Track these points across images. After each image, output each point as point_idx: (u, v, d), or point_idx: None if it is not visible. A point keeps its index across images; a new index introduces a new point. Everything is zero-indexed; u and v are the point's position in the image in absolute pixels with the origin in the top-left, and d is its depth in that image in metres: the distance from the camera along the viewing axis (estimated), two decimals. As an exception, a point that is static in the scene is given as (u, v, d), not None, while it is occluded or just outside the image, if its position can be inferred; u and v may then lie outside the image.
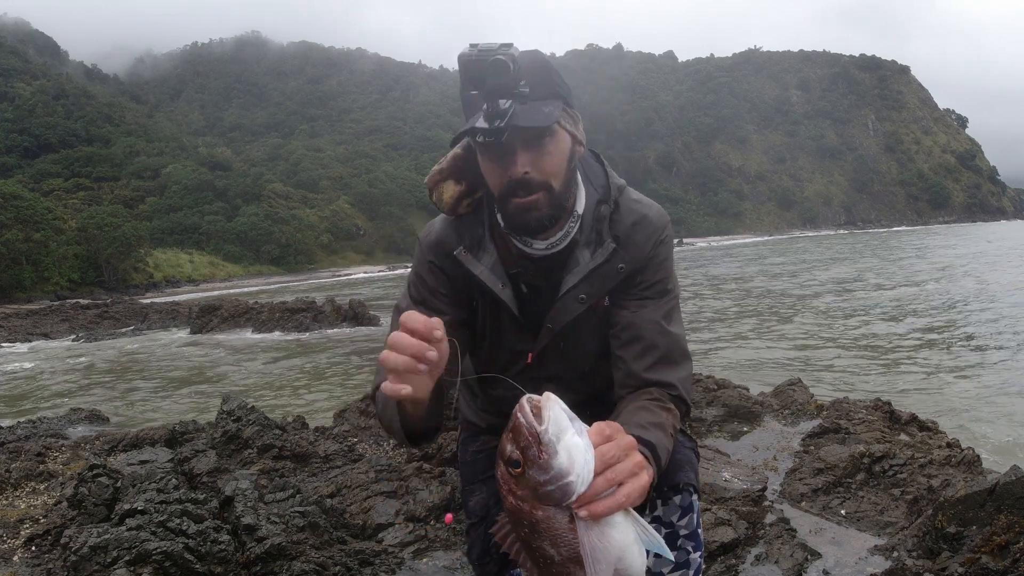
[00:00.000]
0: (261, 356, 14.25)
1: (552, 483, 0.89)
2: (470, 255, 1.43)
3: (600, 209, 1.43)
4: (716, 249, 70.13)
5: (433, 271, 1.47)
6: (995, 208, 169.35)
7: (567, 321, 1.45)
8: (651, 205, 1.49)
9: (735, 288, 24.90)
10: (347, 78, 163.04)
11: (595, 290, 1.42)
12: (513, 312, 1.44)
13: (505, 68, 1.16)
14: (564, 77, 1.37)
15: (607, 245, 1.41)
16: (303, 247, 76.66)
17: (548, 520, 0.92)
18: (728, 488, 2.93)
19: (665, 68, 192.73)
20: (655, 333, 1.41)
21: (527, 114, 1.22)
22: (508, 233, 1.41)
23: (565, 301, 1.43)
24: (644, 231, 1.44)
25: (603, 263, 1.41)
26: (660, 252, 1.45)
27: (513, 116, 1.20)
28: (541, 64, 1.30)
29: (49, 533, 2.63)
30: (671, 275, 1.48)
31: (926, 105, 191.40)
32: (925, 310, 15.69)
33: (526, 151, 1.28)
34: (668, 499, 1.44)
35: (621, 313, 1.44)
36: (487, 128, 1.20)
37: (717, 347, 12.17)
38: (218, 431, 3.74)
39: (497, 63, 1.16)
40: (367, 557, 2.45)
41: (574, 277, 1.41)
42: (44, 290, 45.34)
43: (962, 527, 2.26)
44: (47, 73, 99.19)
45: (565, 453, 0.88)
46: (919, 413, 4.08)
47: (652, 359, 1.40)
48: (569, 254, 1.42)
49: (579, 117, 1.38)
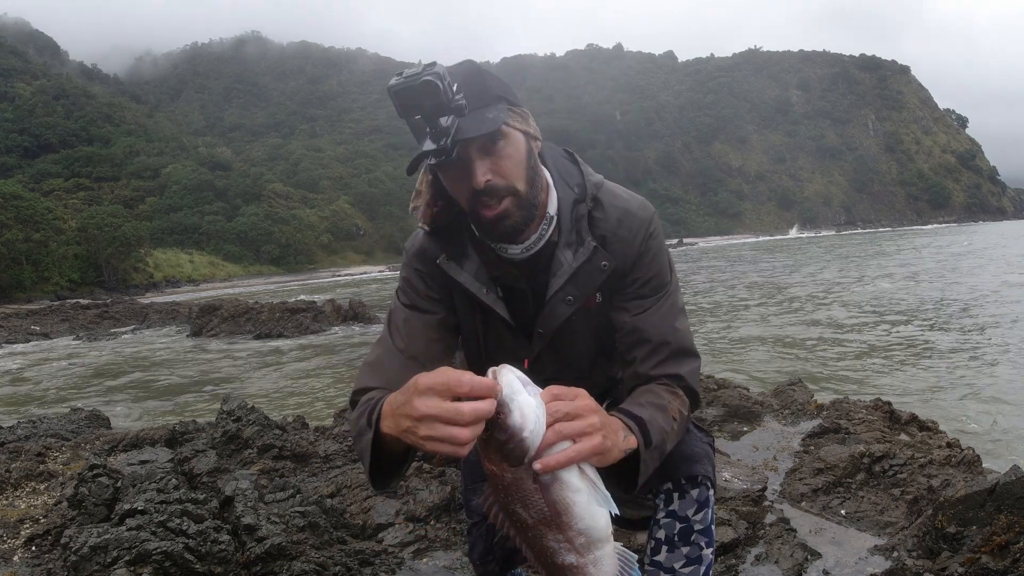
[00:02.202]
0: (261, 356, 14.26)
1: (511, 441, 0.97)
2: (453, 263, 1.43)
3: (578, 208, 1.41)
4: (710, 251, 70.13)
5: (421, 276, 1.47)
6: (995, 208, 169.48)
7: (557, 325, 1.44)
8: (632, 198, 1.47)
9: (733, 289, 24.91)
10: (347, 78, 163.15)
11: (581, 290, 1.41)
12: (504, 317, 1.43)
13: (435, 88, 1.14)
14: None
15: (588, 244, 1.40)
16: (303, 247, 76.74)
17: (517, 483, 1.01)
18: (728, 488, 2.93)
19: (665, 68, 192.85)
20: (661, 333, 1.40)
21: (471, 124, 1.20)
22: (484, 240, 1.41)
23: (553, 304, 1.42)
24: (630, 227, 1.42)
25: (585, 262, 1.40)
26: (651, 246, 1.43)
27: (457, 130, 1.18)
28: (473, 72, 1.28)
29: (49, 533, 2.63)
30: (666, 267, 1.46)
31: (926, 105, 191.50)
32: (925, 309, 15.70)
33: (482, 160, 1.26)
34: (685, 493, 1.43)
35: (623, 317, 1.43)
36: (435, 148, 1.19)
37: (717, 347, 12.19)
38: (218, 431, 3.74)
39: (426, 84, 1.14)
40: (367, 557, 2.46)
41: (559, 279, 1.40)
42: (44, 290, 45.35)
43: (962, 527, 2.26)
44: (47, 73, 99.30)
45: (518, 411, 0.96)
46: (919, 413, 4.08)
47: (660, 357, 1.40)
48: (551, 256, 1.41)
49: (528, 113, 1.36)
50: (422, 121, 1.19)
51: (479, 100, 1.24)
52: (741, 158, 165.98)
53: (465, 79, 1.24)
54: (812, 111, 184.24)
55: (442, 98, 1.15)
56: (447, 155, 1.20)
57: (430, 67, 1.15)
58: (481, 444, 1.00)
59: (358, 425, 1.26)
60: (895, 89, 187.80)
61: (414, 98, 1.16)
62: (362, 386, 1.40)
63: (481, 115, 1.23)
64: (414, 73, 1.15)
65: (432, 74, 1.14)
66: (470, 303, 1.46)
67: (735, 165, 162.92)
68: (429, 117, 1.18)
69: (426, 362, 1.40)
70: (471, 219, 1.38)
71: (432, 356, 1.43)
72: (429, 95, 1.15)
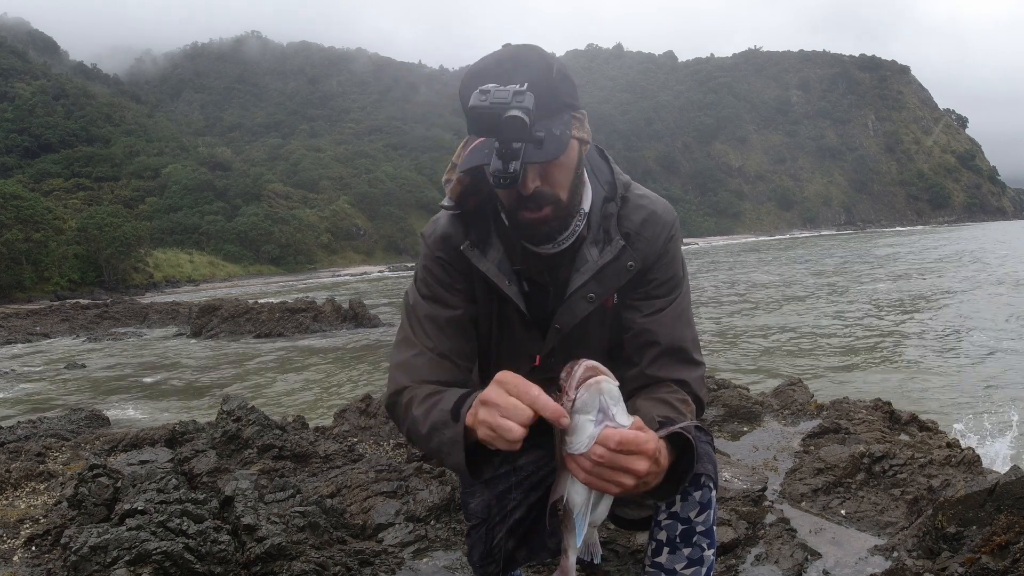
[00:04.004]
0: (261, 356, 14.25)
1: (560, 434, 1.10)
2: (476, 251, 1.40)
3: (607, 206, 1.41)
4: (707, 252, 70.11)
5: (442, 265, 1.44)
6: (995, 208, 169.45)
7: (576, 322, 1.42)
8: (658, 201, 1.47)
9: (732, 287, 24.90)
10: (347, 78, 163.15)
11: (604, 288, 1.41)
12: (521, 310, 1.41)
13: (521, 124, 1.09)
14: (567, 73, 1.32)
15: (616, 242, 1.39)
16: (303, 247, 76.71)
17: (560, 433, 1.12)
18: (728, 488, 2.93)
19: (665, 68, 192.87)
20: (671, 337, 1.41)
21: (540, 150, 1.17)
22: (516, 237, 1.39)
23: (573, 300, 1.41)
24: (654, 228, 1.42)
25: (612, 260, 1.39)
26: (671, 248, 1.44)
27: (526, 154, 1.14)
28: (545, 73, 1.23)
29: (49, 533, 2.63)
30: (680, 271, 1.47)
31: (926, 105, 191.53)
32: (925, 309, 15.70)
33: (534, 167, 1.24)
34: (688, 494, 1.41)
35: (634, 317, 1.43)
36: (501, 171, 1.14)
37: (717, 347, 12.18)
38: (218, 431, 3.74)
39: (514, 120, 1.08)
40: (367, 557, 2.45)
41: (582, 276, 1.39)
42: (44, 290, 45.36)
43: (962, 527, 2.26)
44: (47, 73, 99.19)
45: (574, 424, 1.07)
46: (919, 413, 4.08)
47: (669, 362, 1.40)
48: (576, 252, 1.40)
49: (585, 114, 1.34)
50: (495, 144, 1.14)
51: (547, 109, 1.19)
52: (741, 158, 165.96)
53: (537, 82, 1.18)
54: (812, 111, 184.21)
55: (523, 134, 1.10)
56: (513, 181, 1.16)
57: (519, 97, 1.10)
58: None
59: (429, 421, 1.28)
60: (895, 89, 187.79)
61: (494, 126, 1.11)
62: (399, 386, 1.39)
63: (549, 131, 1.18)
64: (502, 101, 1.09)
65: (521, 108, 1.09)
66: (489, 293, 1.44)
67: (735, 165, 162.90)
68: (505, 142, 1.13)
69: (457, 359, 1.41)
70: (508, 216, 1.36)
71: (462, 353, 1.43)
72: (513, 130, 1.10)
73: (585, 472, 1.06)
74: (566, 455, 1.08)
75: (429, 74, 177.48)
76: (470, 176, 1.37)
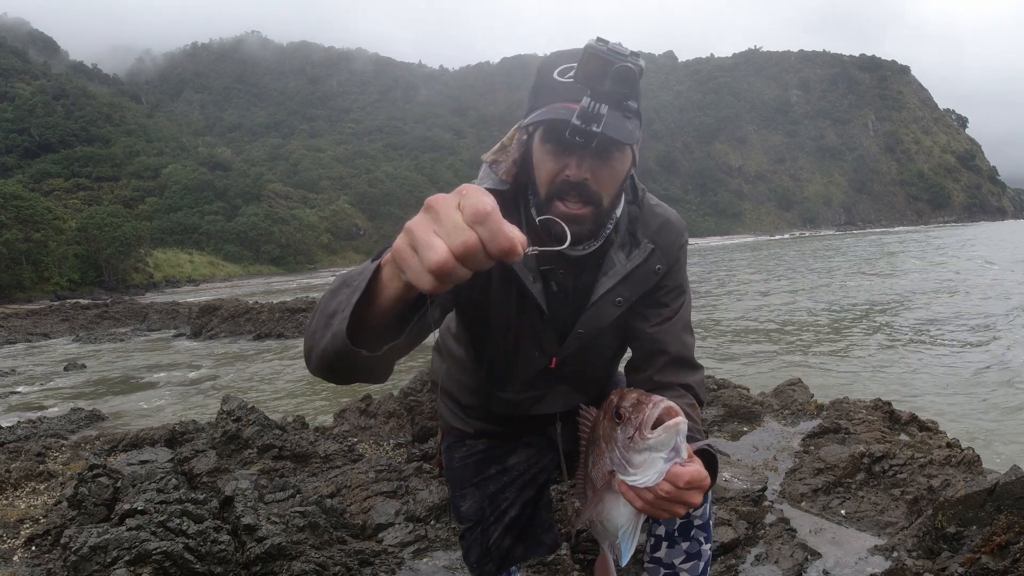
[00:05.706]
0: (262, 356, 14.25)
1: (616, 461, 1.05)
2: None
3: (631, 210, 1.41)
4: (706, 251, 70.18)
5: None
6: (995, 208, 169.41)
7: (601, 327, 1.41)
8: (669, 209, 1.49)
9: (731, 286, 24.90)
10: (347, 78, 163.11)
11: (632, 292, 1.40)
12: (543, 310, 1.39)
13: (632, 78, 1.10)
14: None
15: (644, 246, 1.39)
16: (303, 247, 76.69)
17: (599, 456, 1.09)
18: (728, 488, 2.93)
19: (665, 68, 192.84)
20: (679, 345, 1.44)
21: (618, 125, 1.15)
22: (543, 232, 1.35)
23: (600, 305, 1.39)
24: (669, 235, 1.44)
25: (641, 264, 1.39)
26: (681, 257, 1.47)
27: (606, 125, 1.13)
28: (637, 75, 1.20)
29: (49, 533, 2.63)
30: (685, 279, 1.50)
31: (926, 105, 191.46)
32: (925, 309, 15.71)
33: (592, 157, 1.22)
34: None
35: (642, 325, 1.44)
36: (580, 128, 1.12)
37: (718, 347, 12.19)
38: (218, 431, 3.74)
39: (624, 71, 1.09)
40: (367, 557, 2.45)
41: (610, 279, 1.38)
42: (44, 290, 45.34)
43: (962, 527, 2.26)
44: (47, 73, 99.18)
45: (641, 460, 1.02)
46: (919, 413, 4.08)
47: (676, 369, 1.43)
48: (603, 256, 1.39)
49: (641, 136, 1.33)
50: (587, 96, 1.12)
51: (627, 107, 1.18)
52: (741, 158, 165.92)
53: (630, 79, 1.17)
54: (812, 111, 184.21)
55: (626, 90, 1.11)
56: (588, 142, 1.14)
57: (635, 56, 1.11)
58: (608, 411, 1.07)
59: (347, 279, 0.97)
60: (895, 89, 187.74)
61: (605, 71, 1.10)
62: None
63: (626, 122, 1.17)
64: (619, 52, 1.10)
65: (636, 65, 1.10)
66: (507, 287, 1.39)
67: (735, 165, 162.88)
68: (598, 96, 1.11)
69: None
70: (539, 205, 1.29)
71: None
72: (620, 80, 1.10)
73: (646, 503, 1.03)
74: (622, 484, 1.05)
75: (429, 74, 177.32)
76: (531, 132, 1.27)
